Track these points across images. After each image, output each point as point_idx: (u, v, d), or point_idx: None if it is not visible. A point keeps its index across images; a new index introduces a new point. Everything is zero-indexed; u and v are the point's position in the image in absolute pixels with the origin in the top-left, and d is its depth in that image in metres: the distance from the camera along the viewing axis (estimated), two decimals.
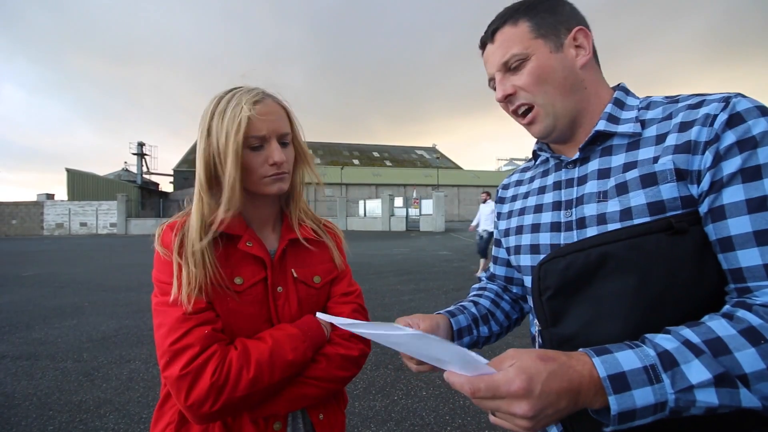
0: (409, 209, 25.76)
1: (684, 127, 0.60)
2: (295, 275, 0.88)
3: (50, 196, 32.68)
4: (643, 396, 0.46)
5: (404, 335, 0.55)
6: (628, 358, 0.48)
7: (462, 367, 0.51)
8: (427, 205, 24.69)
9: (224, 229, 0.81)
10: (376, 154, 54.32)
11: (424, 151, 58.34)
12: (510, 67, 0.70)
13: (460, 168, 53.43)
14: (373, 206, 27.98)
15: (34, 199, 31.70)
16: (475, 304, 0.89)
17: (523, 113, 0.72)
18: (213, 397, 0.70)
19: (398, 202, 26.63)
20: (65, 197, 32.61)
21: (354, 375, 0.89)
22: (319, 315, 0.71)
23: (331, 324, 0.87)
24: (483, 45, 0.75)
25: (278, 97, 0.85)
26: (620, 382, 0.47)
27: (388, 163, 51.15)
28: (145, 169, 37.37)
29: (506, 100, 0.72)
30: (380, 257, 11.13)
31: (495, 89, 0.74)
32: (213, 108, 0.80)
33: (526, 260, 0.77)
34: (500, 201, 0.92)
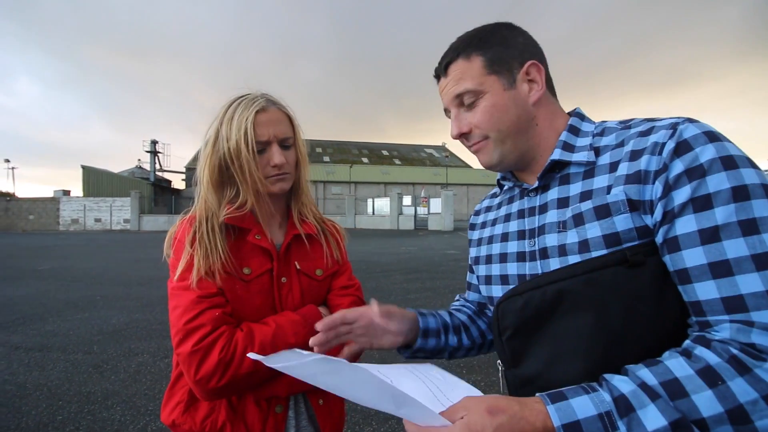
0: (418, 208, 25.70)
1: (634, 155, 0.59)
2: (298, 267, 0.94)
3: (66, 193, 33.40)
4: None
5: (357, 370, 0.51)
6: (583, 405, 0.47)
7: (417, 416, 0.50)
8: (436, 204, 24.62)
9: (236, 223, 0.88)
10: (385, 152, 54.29)
11: (433, 149, 58.12)
12: (464, 103, 0.69)
13: (470, 167, 53.11)
14: (382, 205, 28.00)
15: (51, 195, 32.44)
16: (451, 314, 0.89)
17: (474, 145, 0.73)
18: (220, 372, 0.76)
19: (407, 200, 26.60)
20: (81, 193, 33.31)
21: None
22: (251, 355, 0.68)
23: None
24: (437, 76, 0.74)
25: (281, 104, 0.92)
26: (575, 431, 0.46)
27: (397, 161, 51.09)
28: (158, 166, 37.88)
29: (461, 137, 0.72)
30: (388, 255, 11.14)
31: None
32: (222, 115, 0.88)
33: (497, 291, 0.76)
34: (471, 227, 0.91)
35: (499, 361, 0.72)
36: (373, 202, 29.05)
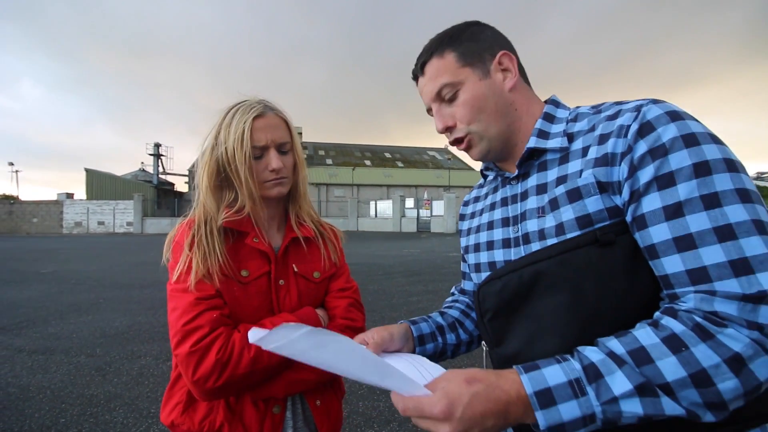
0: (420, 210, 25.74)
1: (602, 139, 0.61)
2: (296, 270, 0.95)
3: (70, 195, 33.62)
4: (569, 409, 0.48)
5: (336, 341, 0.52)
6: (554, 373, 0.50)
7: (401, 387, 0.53)
8: (438, 207, 24.64)
9: (234, 226, 0.89)
10: (387, 155, 54.36)
11: (435, 152, 58.16)
12: (444, 98, 0.72)
13: (473, 169, 53.08)
14: (384, 207, 28.06)
15: (55, 198, 32.66)
16: (442, 314, 0.90)
17: (459, 142, 0.75)
18: (217, 372, 0.77)
19: (409, 203, 26.68)
20: (84, 196, 33.52)
21: None
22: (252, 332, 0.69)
23: (327, 316, 0.96)
24: (415, 77, 0.77)
25: (279, 109, 0.93)
26: (546, 397, 0.49)
27: (399, 164, 51.14)
28: (161, 169, 38.10)
29: (447, 131, 0.74)
30: (390, 258, 11.14)
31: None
32: (221, 121, 0.89)
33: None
34: (461, 218, 0.94)
35: (483, 341, 0.74)
36: (376, 204, 29.10)
